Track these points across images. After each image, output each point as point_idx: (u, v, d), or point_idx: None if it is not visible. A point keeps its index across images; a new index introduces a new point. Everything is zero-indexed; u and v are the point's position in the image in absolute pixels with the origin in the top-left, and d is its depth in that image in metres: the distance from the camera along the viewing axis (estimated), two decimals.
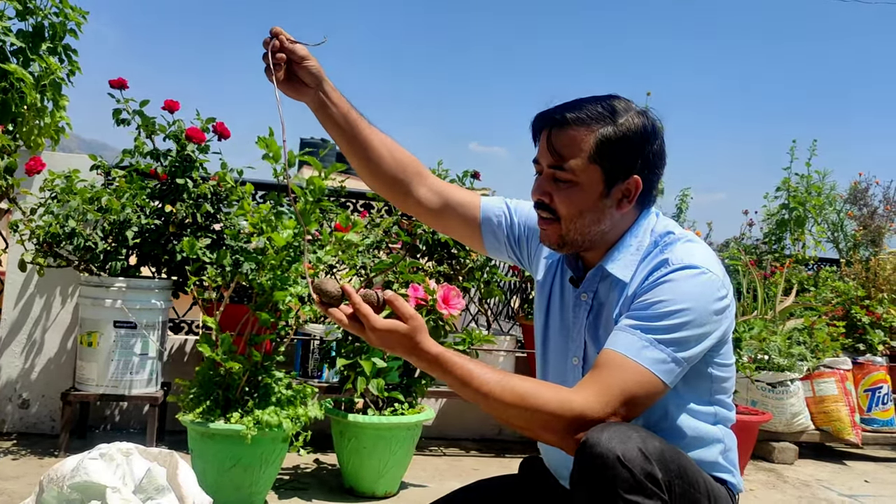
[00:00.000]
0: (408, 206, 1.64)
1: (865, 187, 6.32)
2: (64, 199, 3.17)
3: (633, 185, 1.41)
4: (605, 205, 1.41)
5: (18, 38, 3.38)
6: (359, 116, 1.54)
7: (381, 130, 1.58)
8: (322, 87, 1.49)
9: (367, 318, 1.29)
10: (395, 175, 1.58)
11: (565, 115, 1.39)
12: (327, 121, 1.52)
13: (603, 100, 1.41)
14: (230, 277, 2.91)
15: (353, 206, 4.13)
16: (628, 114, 1.40)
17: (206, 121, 3.45)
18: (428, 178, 1.63)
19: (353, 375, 2.90)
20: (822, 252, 5.79)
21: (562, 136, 1.39)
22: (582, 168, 1.38)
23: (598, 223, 1.42)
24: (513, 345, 4.03)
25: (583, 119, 1.38)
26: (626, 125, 1.39)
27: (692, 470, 1.28)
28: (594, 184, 1.39)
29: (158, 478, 1.60)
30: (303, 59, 1.44)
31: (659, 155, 1.44)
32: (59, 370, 3.53)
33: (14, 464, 3.01)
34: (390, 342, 1.30)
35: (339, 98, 1.51)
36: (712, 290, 1.34)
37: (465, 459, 3.61)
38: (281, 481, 2.97)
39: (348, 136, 1.54)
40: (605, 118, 1.38)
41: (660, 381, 1.29)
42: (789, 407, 4.00)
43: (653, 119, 1.43)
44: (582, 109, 1.39)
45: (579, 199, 1.40)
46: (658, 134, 1.43)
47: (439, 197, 1.63)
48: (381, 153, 1.56)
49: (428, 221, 1.69)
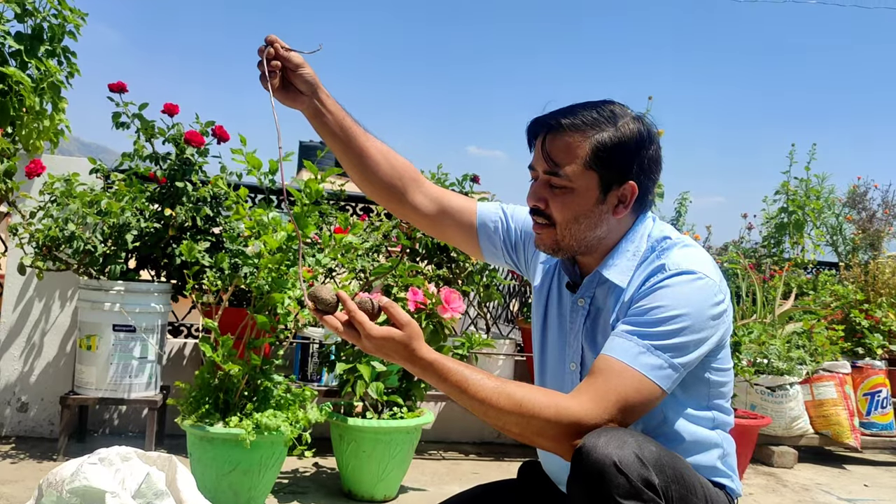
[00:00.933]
0: (404, 212, 1.64)
1: (864, 191, 6.32)
2: (63, 203, 3.17)
3: (628, 191, 1.41)
4: (601, 210, 1.41)
5: (17, 41, 3.38)
6: (354, 123, 1.54)
7: (376, 137, 1.58)
8: (317, 95, 1.49)
9: (363, 325, 1.29)
10: (391, 182, 1.58)
11: (560, 120, 1.39)
12: (322, 128, 1.52)
13: (598, 105, 1.41)
14: (229, 281, 2.91)
15: (353, 209, 4.13)
16: (624, 119, 1.40)
17: (206, 124, 3.45)
18: (424, 184, 1.63)
19: (352, 379, 2.90)
20: (821, 256, 5.79)
21: (557, 142, 1.39)
22: (577, 174, 1.38)
23: (594, 229, 1.42)
24: (512, 348, 4.03)
25: (578, 125, 1.38)
26: (622, 131, 1.39)
27: (689, 475, 1.28)
28: (590, 190, 1.39)
29: (157, 482, 1.60)
30: (297, 67, 1.45)
31: (655, 160, 1.43)
32: (58, 374, 3.53)
33: (12, 467, 3.00)
34: (386, 349, 1.30)
35: (335, 106, 1.51)
36: (709, 296, 1.34)
37: (464, 463, 3.61)
38: (280, 485, 2.97)
39: (343, 143, 1.54)
40: (600, 124, 1.38)
41: (657, 386, 1.29)
42: (788, 411, 4.00)
43: (648, 124, 1.43)
44: (577, 115, 1.39)
45: (575, 205, 1.40)
46: (654, 139, 1.43)
47: (435, 203, 1.63)
48: (377, 160, 1.56)
49: (424, 228, 1.68)
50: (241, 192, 3.10)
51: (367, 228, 3.74)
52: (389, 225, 3.72)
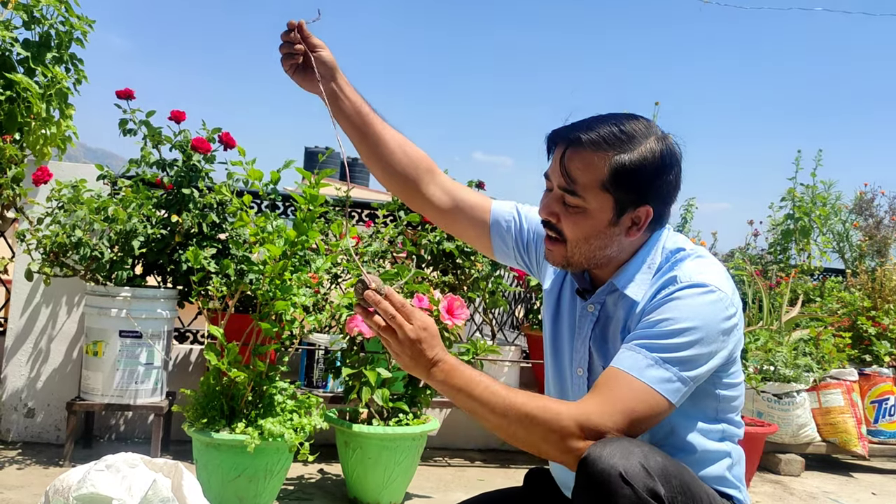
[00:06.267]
0: (417, 204, 1.63)
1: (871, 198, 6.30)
2: (70, 209, 3.18)
3: (643, 214, 1.38)
4: (614, 232, 1.38)
5: (24, 48, 3.39)
6: (371, 111, 1.54)
7: (394, 127, 1.57)
8: (335, 79, 1.49)
9: (411, 315, 1.31)
10: (406, 172, 1.58)
11: (580, 136, 1.35)
12: (339, 113, 1.52)
13: (622, 121, 1.36)
14: (234, 287, 2.91)
15: (358, 215, 4.14)
16: (647, 140, 1.35)
17: (212, 131, 3.46)
18: (439, 176, 1.62)
19: (357, 385, 2.90)
20: (827, 262, 5.77)
21: (575, 159, 1.36)
22: (592, 195, 1.35)
23: (605, 249, 1.40)
24: (517, 355, 4.03)
25: (599, 143, 1.34)
26: (642, 153, 1.34)
27: (696, 485, 1.26)
28: (603, 211, 1.36)
29: (163, 489, 1.60)
30: (315, 48, 1.46)
31: (674, 185, 1.39)
32: (65, 379, 3.54)
33: (19, 473, 3.01)
34: (423, 336, 1.31)
35: (353, 92, 1.52)
36: (720, 309, 1.32)
37: (469, 470, 3.60)
38: (285, 492, 2.97)
39: (360, 129, 1.54)
40: (622, 143, 1.34)
41: (665, 400, 1.27)
42: (795, 418, 3.98)
43: (671, 146, 1.38)
44: (599, 131, 1.34)
45: (587, 226, 1.38)
46: (675, 162, 1.38)
47: (450, 197, 1.62)
48: (393, 149, 1.56)
49: (437, 221, 1.68)
50: (246, 199, 3.11)
51: (371, 234, 3.75)
52: (395, 231, 3.72)
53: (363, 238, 3.72)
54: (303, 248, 2.74)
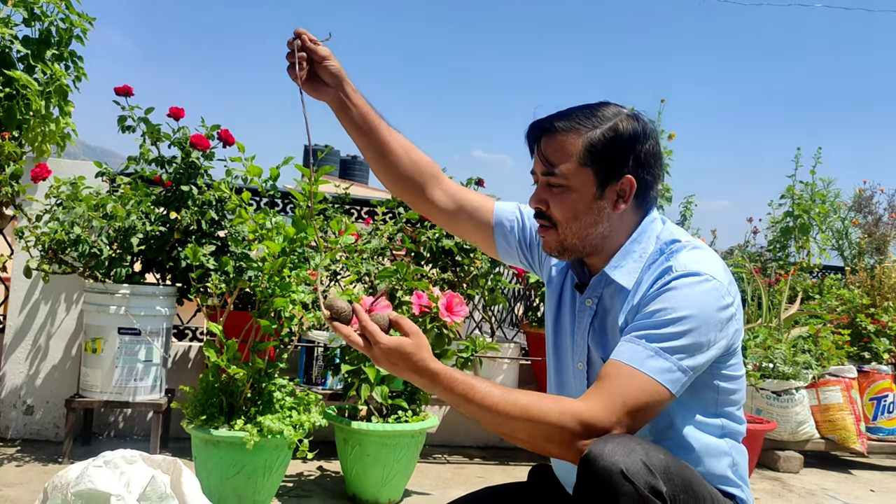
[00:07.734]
0: (422, 207, 1.67)
1: (870, 195, 6.31)
2: (69, 206, 3.18)
3: (626, 185, 1.42)
4: (601, 206, 1.42)
5: (24, 45, 3.39)
6: (378, 117, 1.58)
7: (400, 132, 1.61)
8: (342, 88, 1.53)
9: (374, 334, 1.31)
10: (411, 176, 1.62)
11: (554, 123, 1.42)
12: (347, 121, 1.56)
13: (592, 106, 1.44)
14: (233, 284, 2.91)
15: (357, 212, 4.14)
16: (617, 117, 1.42)
17: (211, 128, 3.46)
18: (443, 181, 1.67)
19: (356, 382, 2.90)
20: (826, 260, 5.78)
21: (552, 144, 1.42)
22: (573, 172, 1.41)
23: (595, 225, 1.43)
24: (517, 352, 4.02)
25: (572, 126, 1.41)
26: (615, 127, 1.40)
27: (698, 483, 1.27)
28: (586, 186, 1.41)
29: (162, 486, 1.60)
30: (323, 59, 1.49)
31: (653, 154, 1.44)
32: (64, 377, 3.53)
33: (18, 470, 3.01)
34: (393, 358, 1.31)
35: (360, 99, 1.55)
36: (716, 298, 1.34)
37: (469, 467, 3.60)
38: (284, 489, 2.97)
39: (367, 136, 1.57)
40: (593, 123, 1.41)
41: (665, 390, 1.28)
42: (794, 415, 3.99)
43: (644, 121, 1.45)
44: (571, 117, 1.42)
45: (573, 203, 1.42)
46: (650, 135, 1.44)
47: (453, 200, 1.66)
48: (398, 154, 1.60)
49: (441, 223, 1.72)
50: (245, 196, 3.11)
51: (371, 232, 3.75)
52: (394, 228, 3.72)
53: (362, 235, 3.72)
54: (302, 245, 2.74)
